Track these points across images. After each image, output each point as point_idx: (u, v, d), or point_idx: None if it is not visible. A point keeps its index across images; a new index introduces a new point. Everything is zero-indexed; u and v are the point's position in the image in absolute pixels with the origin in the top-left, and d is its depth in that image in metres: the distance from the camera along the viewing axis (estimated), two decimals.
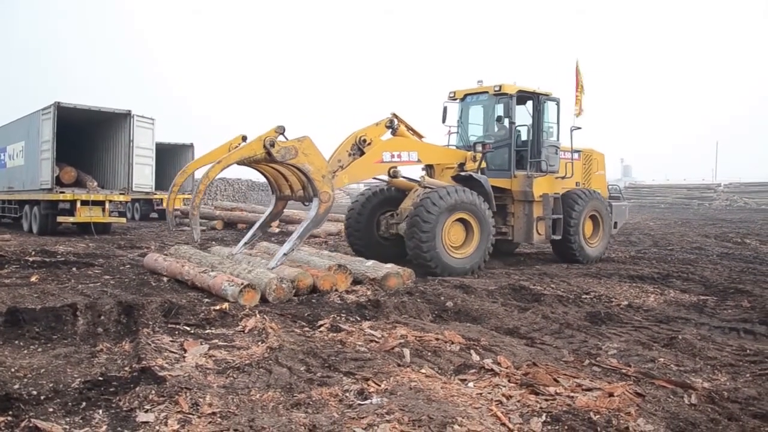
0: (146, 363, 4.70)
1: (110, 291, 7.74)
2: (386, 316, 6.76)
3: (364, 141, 10.30)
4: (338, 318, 6.58)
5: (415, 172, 12.04)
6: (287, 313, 6.76)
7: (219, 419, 3.68)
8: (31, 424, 3.52)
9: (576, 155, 13.03)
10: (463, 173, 11.48)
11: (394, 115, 10.91)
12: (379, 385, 4.33)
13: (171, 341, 5.52)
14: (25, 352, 5.16)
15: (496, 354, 5.18)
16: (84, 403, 3.94)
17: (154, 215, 27.98)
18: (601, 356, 5.31)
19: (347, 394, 4.15)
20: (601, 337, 6.10)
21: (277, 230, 19.46)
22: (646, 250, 14.54)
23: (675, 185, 54.19)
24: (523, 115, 12.21)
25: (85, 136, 19.68)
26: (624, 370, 4.83)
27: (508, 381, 4.45)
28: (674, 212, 37.93)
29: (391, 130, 10.92)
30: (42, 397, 4.00)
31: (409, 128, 11.26)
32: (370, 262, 9.07)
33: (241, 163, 8.94)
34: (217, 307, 6.64)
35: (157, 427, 3.56)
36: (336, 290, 7.88)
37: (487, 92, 12.26)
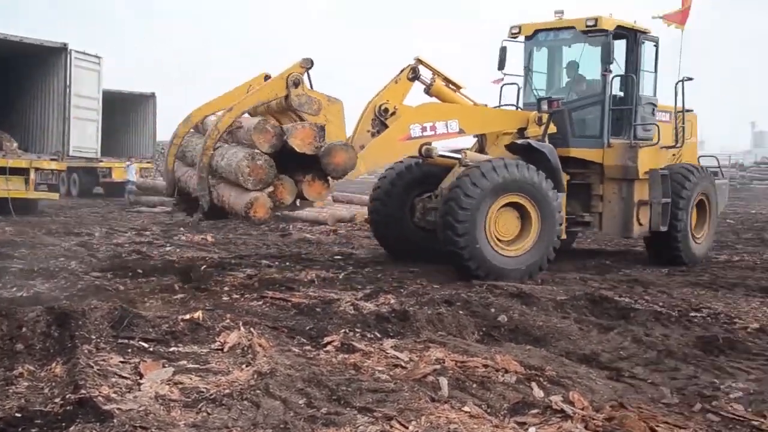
0: (86, 392, 4.65)
1: (36, 293, 7.78)
2: (416, 332, 6.83)
3: (386, 110, 10.31)
4: (351, 333, 6.65)
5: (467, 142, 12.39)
6: (282, 325, 6.81)
7: None
8: None
9: (667, 116, 12.89)
10: (519, 141, 11.11)
11: (419, 61, 10.71)
12: (407, 427, 4.34)
13: (121, 362, 5.51)
14: None
15: (567, 389, 5.24)
16: None
17: (99, 190, 27.84)
18: (719, 399, 5.30)
19: None
20: (719, 372, 6.07)
21: None
22: None
23: None
24: (617, 60, 11.97)
25: (2, 80, 19.44)
26: (755, 422, 4.79)
27: (585, 428, 4.46)
28: None
29: (420, 83, 10.90)
30: None
31: (442, 78, 11.15)
32: None
33: (256, 110, 9.68)
34: (187, 317, 6.66)
35: None
36: (347, 299, 7.86)
37: (572, 27, 11.92)
